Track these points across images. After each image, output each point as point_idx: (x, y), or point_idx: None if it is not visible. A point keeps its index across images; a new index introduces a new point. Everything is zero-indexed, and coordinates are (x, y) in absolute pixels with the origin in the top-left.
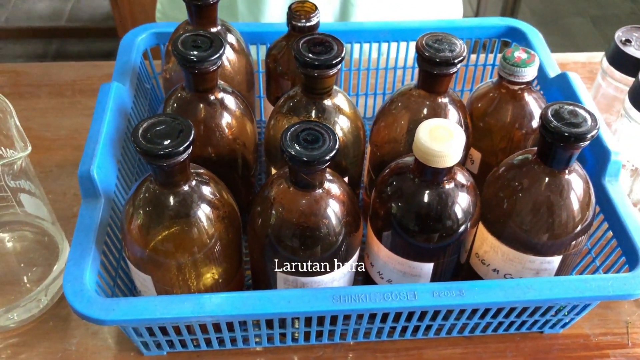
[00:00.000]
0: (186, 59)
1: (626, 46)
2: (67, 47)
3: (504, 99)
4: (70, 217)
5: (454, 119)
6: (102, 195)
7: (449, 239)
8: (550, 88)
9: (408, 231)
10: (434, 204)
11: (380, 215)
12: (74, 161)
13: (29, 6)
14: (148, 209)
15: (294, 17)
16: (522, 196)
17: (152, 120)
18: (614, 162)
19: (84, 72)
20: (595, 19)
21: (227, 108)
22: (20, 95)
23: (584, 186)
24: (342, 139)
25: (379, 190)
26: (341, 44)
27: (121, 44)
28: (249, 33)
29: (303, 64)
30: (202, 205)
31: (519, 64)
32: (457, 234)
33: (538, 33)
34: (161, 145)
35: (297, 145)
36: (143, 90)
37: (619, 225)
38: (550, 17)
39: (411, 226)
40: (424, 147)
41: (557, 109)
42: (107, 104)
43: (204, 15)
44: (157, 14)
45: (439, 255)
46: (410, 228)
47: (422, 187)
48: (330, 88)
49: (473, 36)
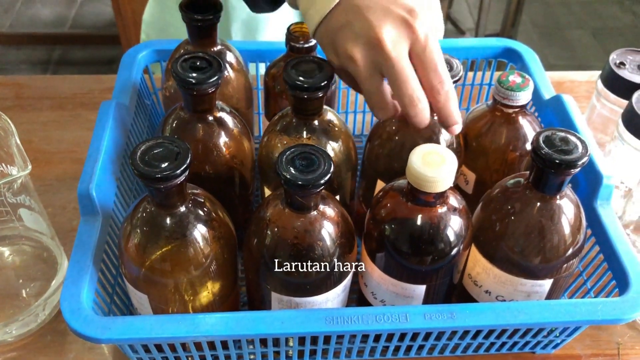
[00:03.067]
0: (185, 81)
1: (620, 69)
2: (70, 54)
3: (498, 122)
4: (70, 231)
5: (446, 137)
6: (101, 213)
7: (441, 262)
8: (545, 110)
9: (401, 254)
10: (427, 227)
11: (374, 236)
12: (74, 175)
13: (33, 12)
14: (145, 229)
15: (292, 38)
16: (514, 220)
17: (150, 142)
18: (606, 186)
19: (86, 85)
20: (596, 31)
21: (225, 127)
22: (22, 108)
23: (575, 211)
24: (334, 157)
25: (373, 212)
26: (330, 67)
27: (122, 61)
28: (248, 51)
29: (292, 86)
30: (198, 225)
31: (514, 88)
32: (449, 257)
33: (534, 54)
34: (158, 169)
35: (292, 168)
36: (143, 106)
37: (610, 250)
38: (551, 29)
39: (404, 249)
40: (417, 173)
41: (548, 135)
42: (107, 121)
43: (204, 35)
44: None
45: (431, 278)
46: (403, 251)
47: (415, 211)
48: (320, 109)
49: (470, 56)
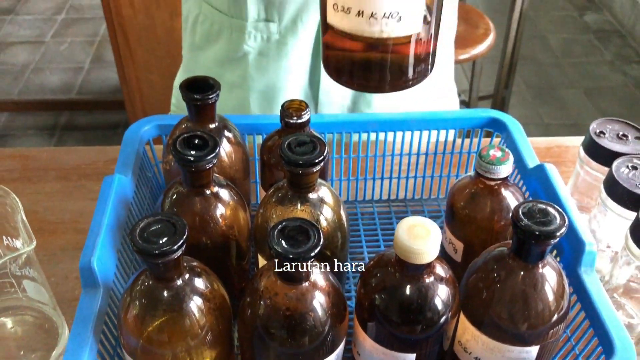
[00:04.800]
0: (183, 158)
1: (600, 138)
2: (76, 119)
3: (481, 193)
4: (72, 300)
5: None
6: (102, 285)
7: (430, 331)
8: (529, 178)
9: (390, 323)
10: (415, 297)
11: (365, 306)
12: (76, 245)
13: (42, 79)
14: (143, 301)
15: (286, 114)
16: (499, 288)
17: (149, 219)
18: (589, 253)
19: (89, 156)
20: (588, 91)
21: (221, 201)
22: (28, 179)
23: (558, 279)
24: (326, 228)
25: (363, 282)
26: (323, 144)
27: (126, 135)
28: (245, 125)
29: (288, 162)
30: (194, 297)
31: (494, 162)
32: (438, 326)
33: (518, 124)
34: (156, 245)
35: (283, 241)
36: (145, 178)
37: (595, 315)
38: (545, 89)
39: (393, 318)
40: (404, 245)
41: (528, 207)
42: (108, 196)
43: (203, 113)
44: (172, 107)
45: (421, 346)
46: (392, 320)
47: (403, 281)
48: (314, 183)
49: (457, 126)
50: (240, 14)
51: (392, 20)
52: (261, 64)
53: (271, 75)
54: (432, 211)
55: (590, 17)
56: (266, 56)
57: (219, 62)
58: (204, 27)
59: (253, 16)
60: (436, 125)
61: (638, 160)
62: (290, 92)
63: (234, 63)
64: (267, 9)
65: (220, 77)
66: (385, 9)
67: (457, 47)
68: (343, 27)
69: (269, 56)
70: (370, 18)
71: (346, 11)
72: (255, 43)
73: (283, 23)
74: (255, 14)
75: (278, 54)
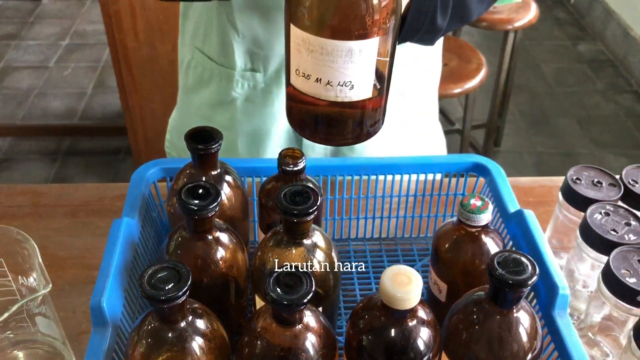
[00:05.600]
0: (187, 207)
1: (576, 184)
2: (78, 144)
3: (463, 239)
4: (79, 334)
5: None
6: (110, 324)
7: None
8: (510, 222)
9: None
10: (399, 339)
11: (353, 346)
12: (84, 280)
13: (45, 104)
14: (149, 341)
15: (283, 162)
16: (477, 330)
17: (156, 267)
18: (562, 296)
19: (97, 193)
20: (581, 120)
21: (222, 244)
22: (39, 216)
23: (531, 322)
24: (319, 271)
25: (352, 323)
26: (317, 195)
27: (133, 178)
28: (245, 168)
29: (284, 211)
30: (196, 337)
31: (474, 211)
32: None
33: (500, 169)
34: (162, 291)
35: (278, 288)
36: (150, 219)
37: (567, 357)
38: (538, 118)
39: (379, 358)
40: (388, 293)
41: (503, 257)
42: (117, 238)
43: (206, 161)
44: (166, 142)
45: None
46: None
47: (388, 324)
48: (308, 230)
49: (444, 170)
50: (229, 63)
51: (345, 87)
52: (248, 109)
53: (257, 120)
54: (420, 249)
55: (584, 47)
56: (253, 102)
57: (210, 105)
58: (196, 71)
59: (240, 66)
60: (424, 169)
61: (610, 207)
62: (276, 136)
63: (224, 107)
64: (252, 60)
65: (210, 118)
66: (339, 79)
67: (450, 81)
68: (303, 90)
69: (256, 102)
70: (327, 85)
71: (306, 77)
72: (242, 90)
73: (268, 73)
74: (242, 64)
75: (264, 101)
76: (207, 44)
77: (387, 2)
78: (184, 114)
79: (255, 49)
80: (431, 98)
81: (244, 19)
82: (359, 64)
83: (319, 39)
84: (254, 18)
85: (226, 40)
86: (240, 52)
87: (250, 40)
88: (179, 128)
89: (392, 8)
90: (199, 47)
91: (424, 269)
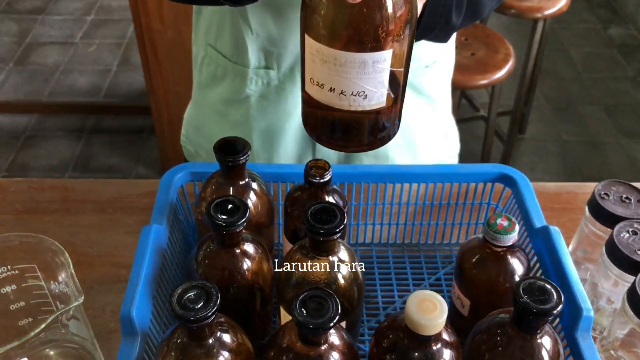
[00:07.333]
0: (216, 223)
1: (604, 200)
2: (103, 122)
3: (488, 258)
4: (108, 333)
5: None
6: (139, 333)
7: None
8: (535, 238)
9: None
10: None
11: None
12: (112, 277)
13: (71, 81)
14: (178, 354)
15: (309, 174)
16: (499, 353)
17: (186, 286)
18: (586, 318)
19: (125, 189)
20: (608, 108)
21: (248, 256)
22: (67, 211)
23: (553, 347)
24: (344, 285)
25: (376, 341)
26: (343, 213)
27: (161, 182)
28: (271, 173)
29: (311, 230)
30: (222, 352)
31: (500, 232)
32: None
33: (527, 180)
34: (192, 311)
35: (304, 309)
36: (178, 223)
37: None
38: (564, 105)
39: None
40: (413, 319)
41: (529, 283)
42: (147, 246)
43: (234, 172)
44: (182, 137)
45: None
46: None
47: (411, 348)
48: (334, 247)
49: (470, 180)
50: (242, 60)
51: (359, 97)
52: (262, 106)
53: (272, 116)
54: (443, 256)
55: (614, 31)
56: (267, 99)
57: (224, 101)
58: (210, 68)
59: (254, 63)
60: (450, 179)
61: (639, 225)
62: (290, 133)
63: (238, 103)
64: (266, 58)
65: (225, 114)
66: (352, 89)
67: (477, 72)
68: (318, 98)
69: (270, 99)
70: (340, 94)
71: (320, 86)
72: (256, 87)
73: (282, 71)
74: (255, 61)
75: (278, 98)
76: (220, 41)
77: (401, 13)
78: (199, 110)
79: (269, 47)
80: (444, 91)
81: (258, 17)
82: (373, 75)
83: (332, 50)
84: (268, 16)
85: (239, 38)
86: (254, 50)
87: (264, 38)
88: (195, 123)
89: (406, 19)
90: (212, 45)
91: (447, 277)
